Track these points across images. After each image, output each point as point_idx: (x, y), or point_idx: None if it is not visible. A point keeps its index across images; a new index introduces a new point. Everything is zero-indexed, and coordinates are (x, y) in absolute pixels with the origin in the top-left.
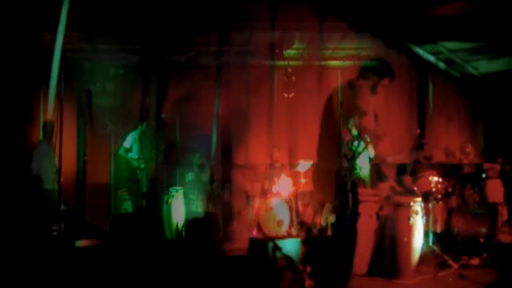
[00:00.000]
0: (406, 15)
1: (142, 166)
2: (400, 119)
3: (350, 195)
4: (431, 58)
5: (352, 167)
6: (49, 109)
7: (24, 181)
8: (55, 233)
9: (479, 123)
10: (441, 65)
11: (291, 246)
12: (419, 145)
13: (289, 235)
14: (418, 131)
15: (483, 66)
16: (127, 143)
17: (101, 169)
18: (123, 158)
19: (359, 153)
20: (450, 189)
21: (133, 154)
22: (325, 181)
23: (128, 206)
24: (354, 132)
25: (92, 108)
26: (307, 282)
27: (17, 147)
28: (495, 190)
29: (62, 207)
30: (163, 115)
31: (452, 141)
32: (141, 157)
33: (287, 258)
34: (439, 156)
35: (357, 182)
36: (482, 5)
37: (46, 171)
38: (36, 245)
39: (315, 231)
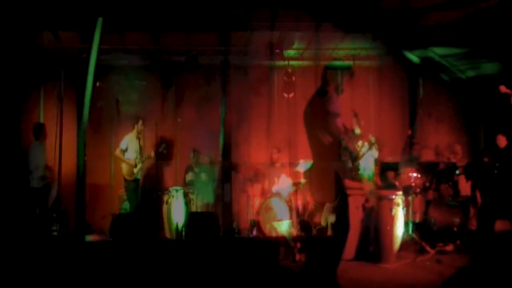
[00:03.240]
0: (398, 22)
1: (139, 166)
2: (392, 120)
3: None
4: (423, 63)
5: (356, 168)
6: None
7: (21, 181)
8: (55, 233)
9: (478, 124)
10: (431, 69)
11: (284, 227)
12: (410, 145)
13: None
14: (409, 132)
15: (470, 71)
16: (122, 144)
17: (101, 169)
18: (120, 159)
19: (363, 154)
20: (427, 184)
21: (130, 155)
22: (325, 181)
23: (128, 206)
24: (357, 131)
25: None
26: (297, 256)
27: (16, 147)
28: (467, 185)
29: (62, 207)
30: (179, 120)
31: (441, 141)
32: (138, 157)
33: (281, 237)
34: (428, 156)
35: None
36: (467, 15)
37: (39, 170)
38: (35, 245)
39: (314, 231)
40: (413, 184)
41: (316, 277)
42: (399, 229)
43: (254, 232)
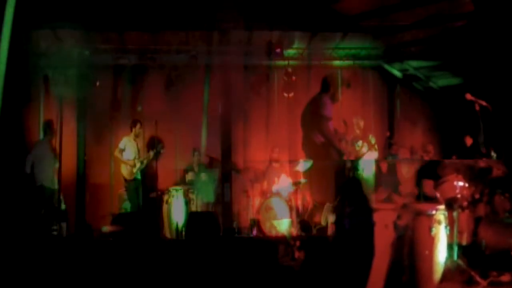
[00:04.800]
0: (377, 39)
1: (138, 166)
2: (373, 123)
3: (351, 194)
4: (399, 74)
5: (355, 168)
6: None
7: (22, 181)
8: (55, 232)
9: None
10: (407, 79)
11: (284, 226)
12: (388, 145)
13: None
14: (387, 133)
15: (441, 81)
16: (121, 144)
17: (101, 168)
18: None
19: (363, 154)
20: (477, 196)
21: (128, 155)
22: (325, 180)
23: (128, 205)
24: (357, 131)
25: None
26: (297, 254)
27: (16, 147)
28: None
29: (63, 206)
30: (139, 108)
31: (416, 142)
32: (136, 157)
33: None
34: (404, 154)
35: (362, 183)
36: (433, 34)
37: (44, 169)
38: (35, 245)
39: (314, 231)
40: (459, 196)
41: (315, 274)
42: (441, 254)
43: (254, 232)
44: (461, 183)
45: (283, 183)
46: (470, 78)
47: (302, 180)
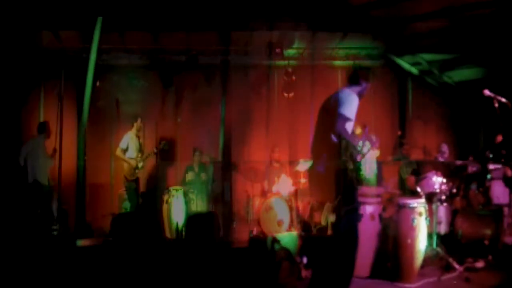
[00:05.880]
0: (388, 29)
1: (141, 164)
2: (383, 121)
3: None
4: (412, 68)
5: (357, 168)
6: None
7: (21, 180)
8: (55, 232)
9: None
10: (420, 74)
11: (288, 240)
12: (400, 145)
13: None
14: (399, 132)
15: (456, 75)
16: (123, 143)
17: (101, 168)
18: (121, 159)
19: (364, 154)
20: (454, 190)
21: (131, 153)
22: (325, 180)
23: (128, 205)
24: (358, 131)
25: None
26: (304, 273)
27: (15, 147)
28: (499, 191)
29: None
30: (178, 119)
31: (429, 141)
32: (139, 155)
33: (285, 251)
34: (417, 155)
35: (360, 181)
36: (451, 24)
37: (37, 166)
38: (35, 245)
39: (314, 231)
40: (438, 191)
41: None
42: (422, 243)
43: (254, 232)
44: (440, 179)
45: (283, 183)
46: (492, 72)
47: (302, 180)
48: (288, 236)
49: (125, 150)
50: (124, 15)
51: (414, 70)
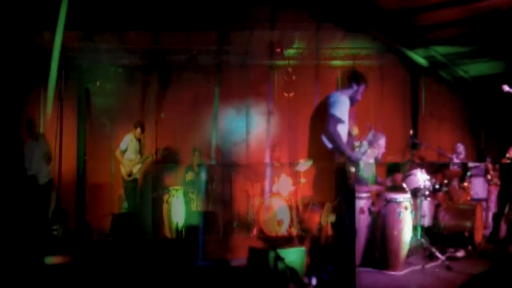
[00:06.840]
0: (398, 21)
1: (139, 166)
2: (394, 120)
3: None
4: (424, 62)
5: (356, 167)
6: (47, 108)
7: (21, 181)
8: (55, 232)
9: (479, 124)
10: (433, 68)
11: (294, 256)
12: (412, 145)
13: (289, 235)
14: (411, 132)
15: (473, 69)
16: (122, 145)
17: (101, 168)
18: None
19: (362, 154)
20: (437, 186)
21: (130, 155)
22: (325, 180)
23: (126, 205)
24: (355, 131)
25: (90, 107)
26: None
27: (15, 147)
28: (479, 187)
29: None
30: (162, 115)
31: (444, 141)
32: (138, 157)
33: (290, 270)
34: (431, 156)
35: (359, 181)
36: (470, 13)
37: (41, 168)
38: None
39: (314, 231)
40: (422, 186)
41: None
42: (407, 234)
43: (254, 232)
44: (424, 176)
45: (283, 183)
46: (508, 67)
47: (302, 179)
48: (294, 252)
49: (124, 152)
50: (124, 15)
51: (427, 64)
